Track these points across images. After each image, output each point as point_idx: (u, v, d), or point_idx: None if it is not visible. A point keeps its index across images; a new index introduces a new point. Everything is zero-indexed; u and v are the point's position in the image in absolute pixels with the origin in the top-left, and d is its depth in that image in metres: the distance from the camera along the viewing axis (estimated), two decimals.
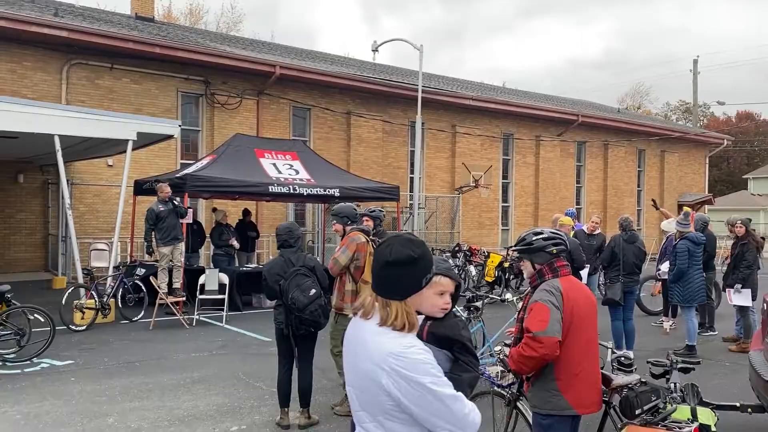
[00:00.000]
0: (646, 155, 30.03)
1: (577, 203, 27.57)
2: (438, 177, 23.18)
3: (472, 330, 6.64)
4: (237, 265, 12.92)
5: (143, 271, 11.64)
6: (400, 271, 2.17)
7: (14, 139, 11.02)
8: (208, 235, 13.61)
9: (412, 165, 22.73)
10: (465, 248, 14.38)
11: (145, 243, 10.84)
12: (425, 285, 2.23)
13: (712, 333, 10.05)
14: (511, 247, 15.34)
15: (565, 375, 3.61)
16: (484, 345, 6.58)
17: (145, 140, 11.56)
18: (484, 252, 13.96)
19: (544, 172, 25.80)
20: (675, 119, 58.62)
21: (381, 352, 2.08)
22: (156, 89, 17.40)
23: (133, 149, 11.57)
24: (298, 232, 5.72)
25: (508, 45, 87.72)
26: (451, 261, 14.44)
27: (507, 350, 4.12)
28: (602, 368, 3.96)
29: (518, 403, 4.12)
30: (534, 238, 3.71)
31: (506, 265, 13.05)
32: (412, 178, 22.32)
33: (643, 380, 3.95)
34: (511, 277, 13.22)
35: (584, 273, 8.71)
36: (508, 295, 7.04)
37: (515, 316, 6.86)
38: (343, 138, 20.93)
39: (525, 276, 3.73)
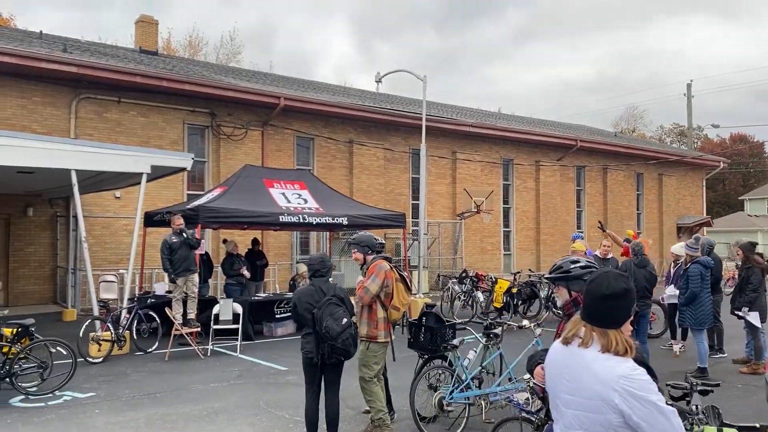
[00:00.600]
0: (644, 179, 30.38)
1: (578, 227, 27.80)
2: (439, 203, 23.42)
3: (491, 357, 6.77)
4: (248, 294, 13.03)
5: (152, 301, 11.77)
6: (616, 303, 2.51)
7: (29, 174, 11.19)
8: (217, 265, 13.73)
9: (413, 191, 23.00)
10: (471, 274, 14.51)
11: (167, 272, 11.00)
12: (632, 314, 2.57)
13: (721, 355, 10.17)
14: (518, 273, 15.49)
15: None
16: (503, 371, 6.68)
17: (158, 173, 11.75)
18: (491, 278, 14.10)
19: (545, 196, 26.07)
20: (669, 142, 59.28)
21: (612, 375, 2.39)
22: (163, 122, 17.67)
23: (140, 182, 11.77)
24: (329, 262, 5.89)
25: (503, 71, 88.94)
26: (457, 287, 14.59)
27: (526, 377, 4.26)
28: None
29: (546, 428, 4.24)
30: (572, 266, 3.87)
31: (514, 290, 13.18)
32: (414, 204, 22.57)
33: (669, 402, 4.08)
34: (519, 302, 13.34)
35: None
36: (525, 322, 7.15)
37: (531, 343, 7.01)
38: (346, 166, 21.20)
39: (559, 303, 3.89)
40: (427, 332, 6.42)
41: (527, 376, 4.16)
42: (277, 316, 12.46)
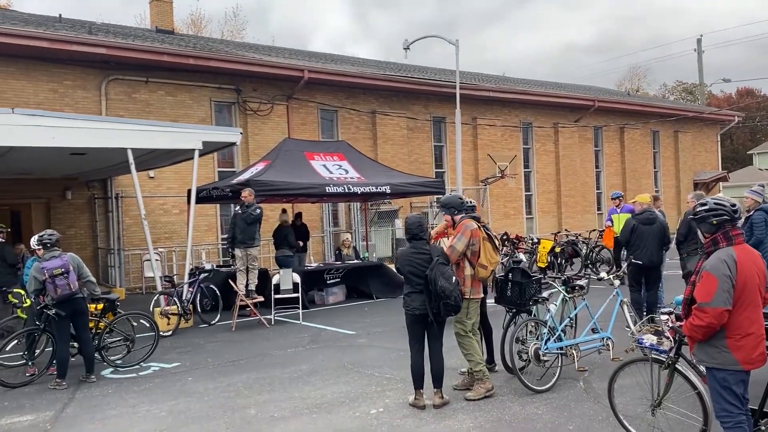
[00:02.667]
0: (660, 136, 30.43)
1: (597, 188, 27.98)
2: (462, 170, 23.46)
3: (578, 308, 6.99)
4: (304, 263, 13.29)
5: (204, 276, 12.00)
6: None
7: (80, 155, 11.32)
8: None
9: (436, 159, 23.12)
10: (512, 237, 14.73)
11: (228, 243, 11.23)
12: None
13: None
14: (557, 233, 15.66)
15: (736, 336, 3.93)
16: (591, 321, 6.91)
17: (208, 149, 11.87)
18: (532, 239, 14.31)
19: (564, 158, 26.18)
20: (674, 100, 59.08)
21: None
22: (190, 100, 17.72)
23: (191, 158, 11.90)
24: (425, 224, 6.08)
25: (502, 35, 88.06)
26: None
27: (664, 318, 4.47)
28: None
29: (677, 366, 4.46)
30: (699, 209, 4.06)
31: (558, 250, 13.39)
32: (437, 173, 22.71)
33: None
34: (563, 261, 13.57)
35: None
36: (603, 274, 7.38)
37: (612, 294, 7.22)
38: (370, 137, 21.27)
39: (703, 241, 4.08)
40: (514, 287, 6.62)
41: (665, 317, 4.37)
42: (329, 283, 12.71)
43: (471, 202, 6.81)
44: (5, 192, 15.45)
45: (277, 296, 10.81)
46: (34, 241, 7.90)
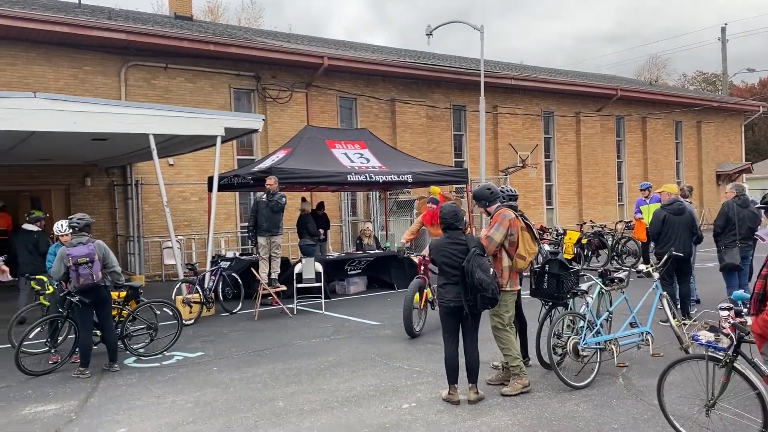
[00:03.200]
0: (682, 127, 29.90)
1: (619, 178, 27.56)
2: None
3: (617, 301, 6.74)
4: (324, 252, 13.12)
5: (227, 264, 11.86)
6: None
7: (102, 141, 11.20)
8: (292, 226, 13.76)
9: (455, 149, 22.82)
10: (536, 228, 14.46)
11: (249, 231, 11.05)
12: None
13: None
14: (583, 224, 15.35)
15: None
16: (630, 316, 6.66)
17: (230, 135, 11.69)
18: (557, 230, 14.02)
19: (586, 148, 25.77)
20: (693, 90, 58.10)
21: None
22: (209, 87, 17.55)
23: (212, 145, 11.73)
24: (461, 214, 5.84)
25: (518, 23, 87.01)
26: None
27: (724, 313, 4.23)
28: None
29: (735, 365, 4.21)
30: None
31: (584, 241, 13.10)
32: (456, 162, 22.41)
33: None
34: (589, 253, 13.28)
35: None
36: (642, 266, 7.11)
37: (651, 287, 6.96)
38: (389, 125, 21.02)
39: (761, 233, 3.84)
40: (552, 279, 6.37)
41: (725, 313, 4.12)
42: (350, 273, 12.53)
43: (511, 190, 6.55)
44: (26, 178, 15.43)
45: (300, 285, 10.64)
46: (57, 227, 7.75)
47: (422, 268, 8.87)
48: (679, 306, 8.39)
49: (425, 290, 8.76)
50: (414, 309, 8.44)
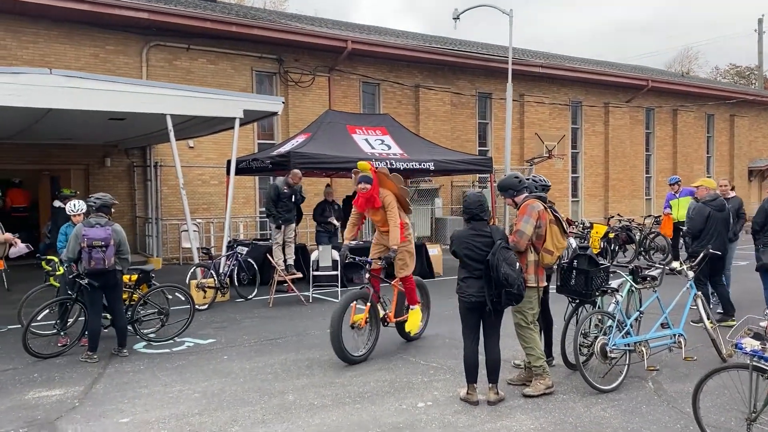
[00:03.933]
0: (714, 120, 29.04)
1: (647, 172, 26.87)
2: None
3: (648, 301, 6.36)
4: (339, 241, 12.79)
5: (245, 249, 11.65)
6: None
7: (120, 121, 11.02)
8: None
9: (479, 137, 22.37)
10: None
11: (269, 217, 10.78)
12: None
13: None
14: (611, 217, 14.88)
15: None
16: (662, 316, 6.28)
17: (249, 117, 11.44)
18: (583, 223, 13.58)
19: (614, 140, 25.14)
20: (726, 83, 56.66)
21: None
22: (231, 69, 17.32)
23: (231, 128, 11.50)
24: (486, 204, 5.50)
25: (548, 11, 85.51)
26: None
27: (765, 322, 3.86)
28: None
29: None
30: None
31: (611, 236, 12.66)
32: (480, 151, 21.97)
33: None
34: (616, 248, 12.84)
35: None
36: (676, 264, 6.72)
37: (686, 286, 6.57)
38: (412, 112, 20.64)
39: None
40: (580, 275, 6.00)
41: (764, 323, 3.76)
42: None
43: (543, 180, 6.18)
44: (46, 157, 15.37)
45: (316, 273, 10.39)
46: (69, 207, 7.50)
47: (367, 276, 7.14)
48: (712, 307, 7.98)
49: (369, 305, 6.85)
50: (353, 328, 6.75)
